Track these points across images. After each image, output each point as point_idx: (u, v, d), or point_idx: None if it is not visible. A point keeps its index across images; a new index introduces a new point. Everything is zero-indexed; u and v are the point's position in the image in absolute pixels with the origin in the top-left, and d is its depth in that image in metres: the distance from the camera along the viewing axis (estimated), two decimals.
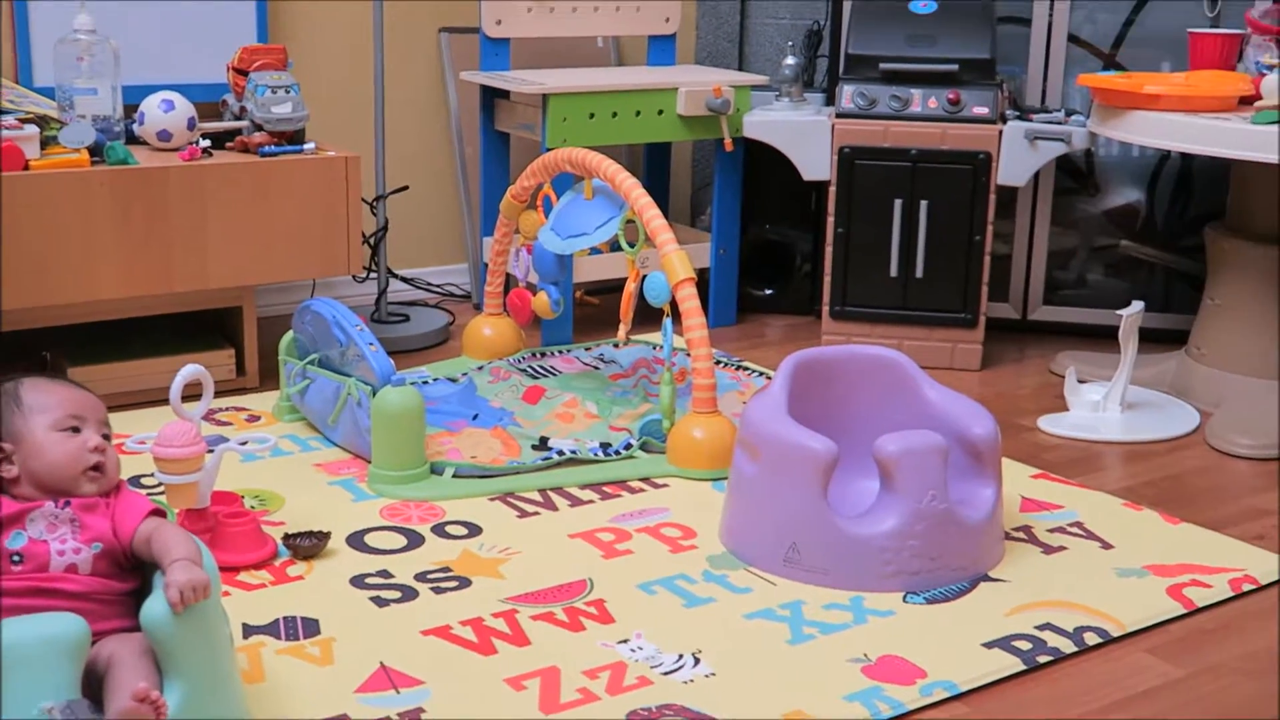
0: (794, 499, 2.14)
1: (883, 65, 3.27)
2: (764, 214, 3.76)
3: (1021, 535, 2.35)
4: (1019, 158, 3.22)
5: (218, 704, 1.62)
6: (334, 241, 3.00)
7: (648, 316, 2.92)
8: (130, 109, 2.98)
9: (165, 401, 2.16)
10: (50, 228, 2.68)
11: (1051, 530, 2.38)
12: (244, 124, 3.03)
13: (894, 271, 3.28)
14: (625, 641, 1.96)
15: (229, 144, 3.02)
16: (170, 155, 2.89)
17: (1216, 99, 2.90)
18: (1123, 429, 2.89)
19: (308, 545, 2.18)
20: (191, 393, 2.14)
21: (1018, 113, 3.32)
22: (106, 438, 1.71)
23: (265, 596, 2.06)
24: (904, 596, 2.11)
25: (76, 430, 1.68)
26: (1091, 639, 2.01)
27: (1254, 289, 2.99)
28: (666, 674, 1.87)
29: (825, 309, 3.35)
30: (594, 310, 3.73)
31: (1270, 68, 2.98)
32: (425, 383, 2.97)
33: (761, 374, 3.10)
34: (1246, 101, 2.93)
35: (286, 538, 2.21)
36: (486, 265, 3.27)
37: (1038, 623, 2.05)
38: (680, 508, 2.44)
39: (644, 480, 2.56)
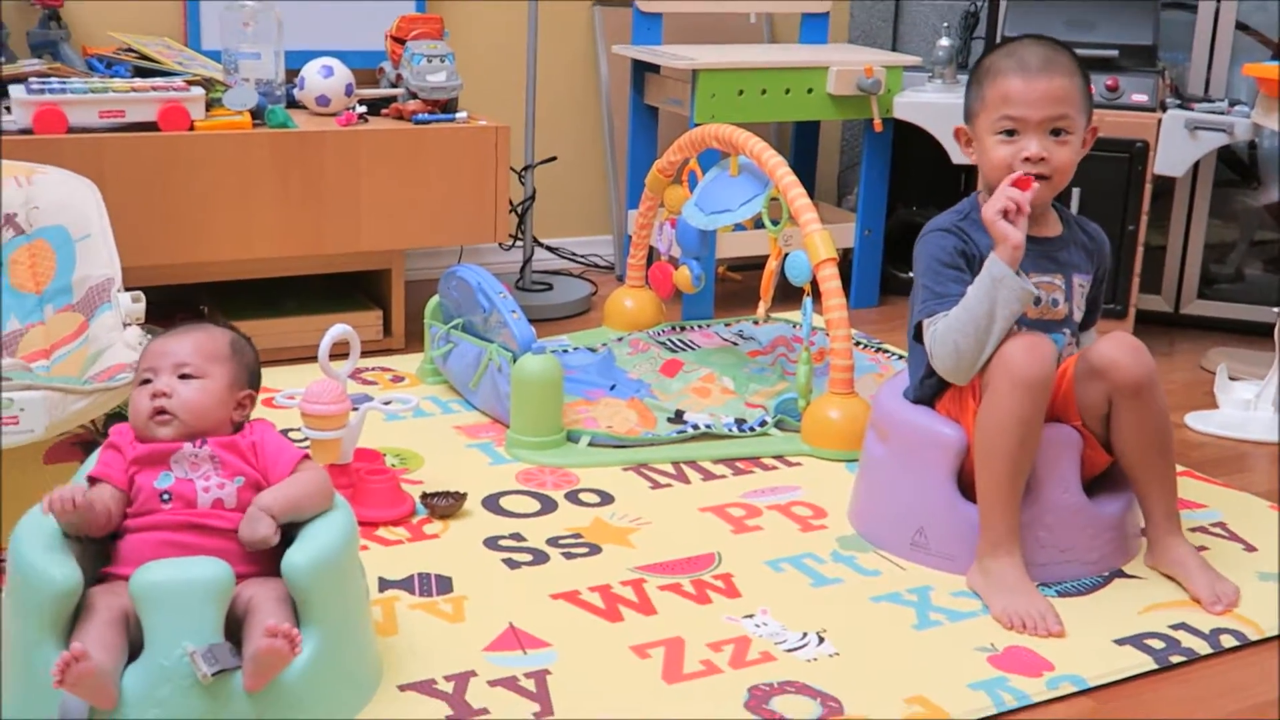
0: (922, 484, 2.13)
1: None
2: (911, 196, 3.73)
3: None
4: (1178, 147, 3.13)
5: (351, 653, 1.68)
6: (482, 209, 3.05)
7: (788, 295, 2.92)
8: (291, 74, 3.06)
9: (314, 359, 2.23)
10: (211, 187, 2.77)
11: (1193, 530, 2.32)
12: (399, 91, 3.10)
13: None
14: (750, 617, 1.97)
15: (384, 110, 3.09)
16: (328, 120, 2.97)
17: None
18: (1274, 429, 2.81)
19: (444, 505, 2.23)
20: (339, 352, 2.21)
21: (1179, 101, 3.23)
22: (188, 376, 1.71)
23: (401, 553, 2.12)
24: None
25: (147, 381, 1.72)
26: (1227, 641, 1.97)
27: None
28: (790, 651, 1.88)
29: None
30: (735, 286, 3.74)
31: None
32: (565, 351, 3.01)
33: (901, 357, 3.08)
34: None
35: (424, 497, 2.26)
36: (630, 238, 3.30)
37: (1172, 622, 2.01)
38: (812, 487, 2.44)
39: (777, 458, 2.56)
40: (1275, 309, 2.83)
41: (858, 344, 3.12)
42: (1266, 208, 3.50)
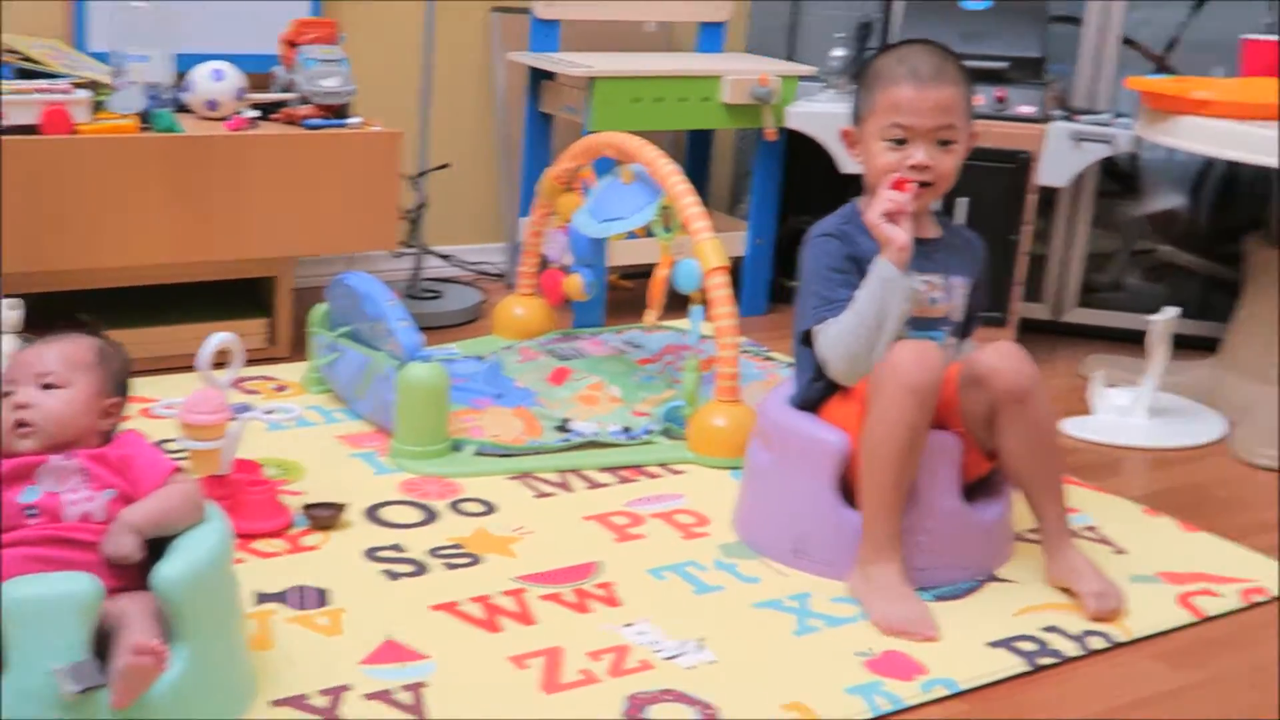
0: (805, 490, 2.16)
1: None
2: (803, 205, 3.75)
3: (1034, 536, 2.32)
4: (1062, 158, 3.20)
5: (224, 668, 1.66)
6: (373, 216, 3.03)
7: (681, 303, 2.94)
8: (183, 77, 3.02)
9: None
10: (96, 192, 2.73)
11: None
12: (291, 96, 3.07)
13: None
14: (630, 625, 1.98)
15: (275, 115, 3.06)
16: (216, 124, 2.93)
17: (1266, 107, 2.87)
18: (1147, 435, 2.88)
19: (324, 516, 2.22)
20: (222, 361, 2.19)
21: (1064, 113, 3.30)
22: (51, 386, 1.70)
23: (279, 565, 2.10)
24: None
25: (9, 394, 1.70)
26: (1097, 643, 2.02)
27: None
28: (669, 659, 1.89)
29: None
30: (627, 294, 3.75)
31: None
32: (452, 360, 3.00)
33: (789, 364, 3.10)
34: None
35: (305, 508, 2.25)
36: (522, 245, 3.30)
37: (1044, 625, 2.06)
38: (696, 495, 2.46)
39: (662, 465, 2.58)
40: (1149, 317, 2.90)
41: (745, 352, 3.15)
42: (1148, 217, 3.58)
